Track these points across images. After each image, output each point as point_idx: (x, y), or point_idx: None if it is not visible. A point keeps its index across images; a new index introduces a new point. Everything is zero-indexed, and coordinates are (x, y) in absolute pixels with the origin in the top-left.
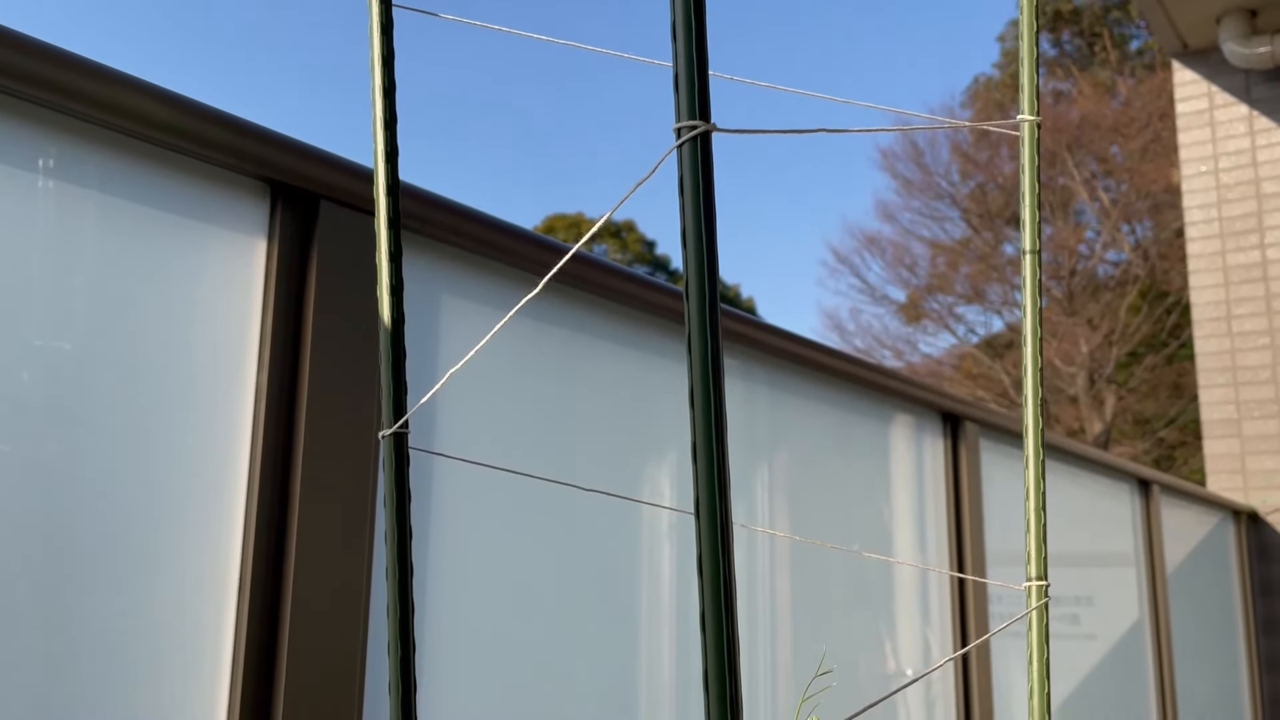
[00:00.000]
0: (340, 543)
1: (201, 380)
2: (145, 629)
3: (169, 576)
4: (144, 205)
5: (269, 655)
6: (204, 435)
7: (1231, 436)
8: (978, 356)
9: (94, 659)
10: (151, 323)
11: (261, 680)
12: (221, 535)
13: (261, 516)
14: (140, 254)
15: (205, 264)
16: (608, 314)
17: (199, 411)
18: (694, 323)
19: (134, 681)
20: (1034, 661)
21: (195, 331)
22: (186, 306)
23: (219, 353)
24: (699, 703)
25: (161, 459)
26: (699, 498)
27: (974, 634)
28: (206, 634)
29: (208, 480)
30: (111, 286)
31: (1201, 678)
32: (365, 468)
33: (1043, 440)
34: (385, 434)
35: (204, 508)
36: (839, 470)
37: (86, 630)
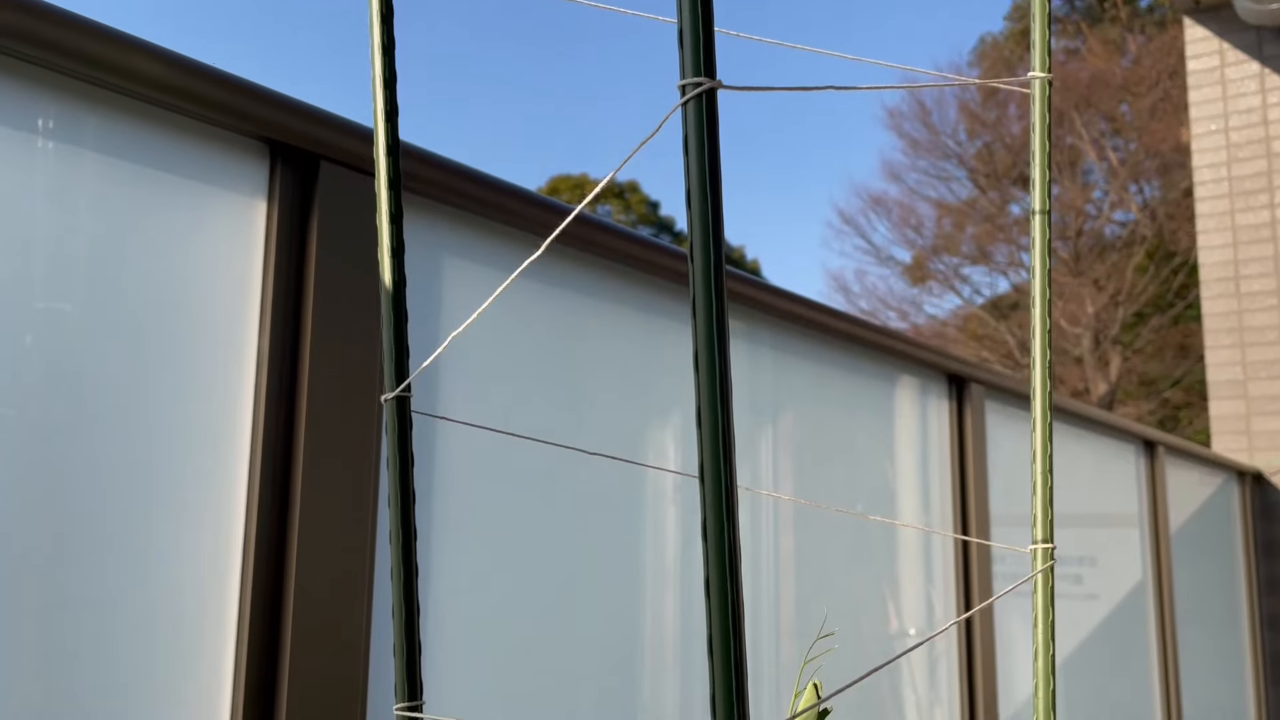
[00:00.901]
0: (343, 507)
1: (202, 344)
2: (149, 587)
3: (173, 539)
4: (143, 166)
5: (274, 621)
6: (206, 398)
7: (1237, 398)
8: (983, 318)
9: (99, 607)
10: (151, 285)
11: (266, 646)
12: (224, 500)
13: (265, 481)
14: (139, 215)
15: (205, 226)
16: (611, 276)
17: (201, 374)
18: (698, 284)
19: (139, 633)
20: (1039, 623)
21: (196, 294)
22: (186, 269)
23: (220, 316)
24: (703, 665)
25: (164, 422)
26: (704, 463)
27: (977, 594)
28: (211, 598)
29: (210, 444)
30: (110, 248)
31: (1203, 636)
32: (368, 432)
33: (1050, 403)
34: (387, 398)
35: (207, 473)
36: (844, 432)
37: (91, 582)
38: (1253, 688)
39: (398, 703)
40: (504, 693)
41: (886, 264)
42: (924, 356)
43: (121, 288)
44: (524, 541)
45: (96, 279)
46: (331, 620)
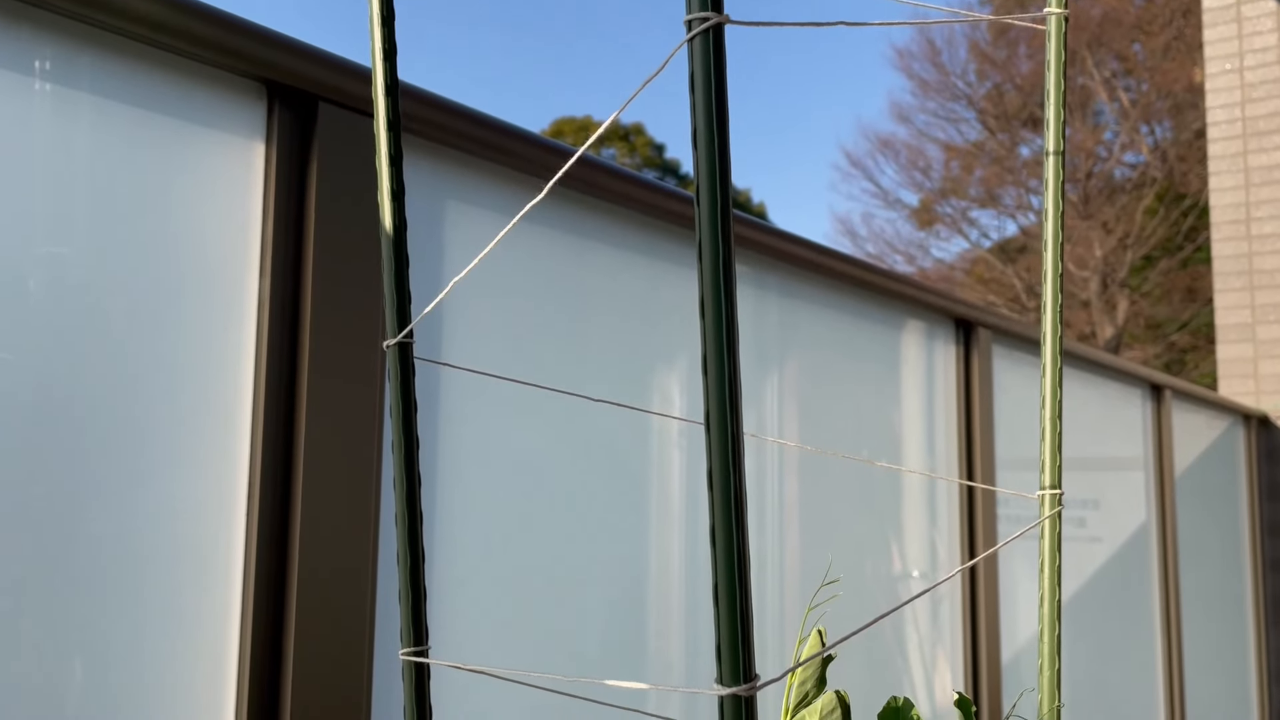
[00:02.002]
0: (347, 454)
1: (203, 289)
2: (151, 535)
3: (175, 488)
4: (138, 108)
5: (279, 569)
6: (208, 343)
7: (1245, 341)
8: (990, 261)
9: (103, 552)
10: (149, 229)
11: (272, 594)
12: (227, 448)
13: (268, 428)
14: (135, 159)
15: (202, 169)
16: (616, 219)
17: (202, 320)
18: (705, 224)
19: (143, 575)
20: (1046, 569)
21: (195, 239)
22: (185, 213)
23: (220, 261)
24: (709, 609)
25: (166, 367)
26: (709, 410)
27: (982, 537)
28: (214, 546)
29: (213, 390)
30: (107, 192)
31: (1206, 578)
32: (371, 378)
33: (1060, 348)
34: (389, 344)
35: (210, 419)
36: (850, 377)
37: (95, 527)
38: (1253, 629)
39: (404, 647)
40: (510, 637)
41: (894, 207)
42: (931, 301)
43: (119, 232)
44: (529, 487)
45: (94, 223)
46: (337, 567)
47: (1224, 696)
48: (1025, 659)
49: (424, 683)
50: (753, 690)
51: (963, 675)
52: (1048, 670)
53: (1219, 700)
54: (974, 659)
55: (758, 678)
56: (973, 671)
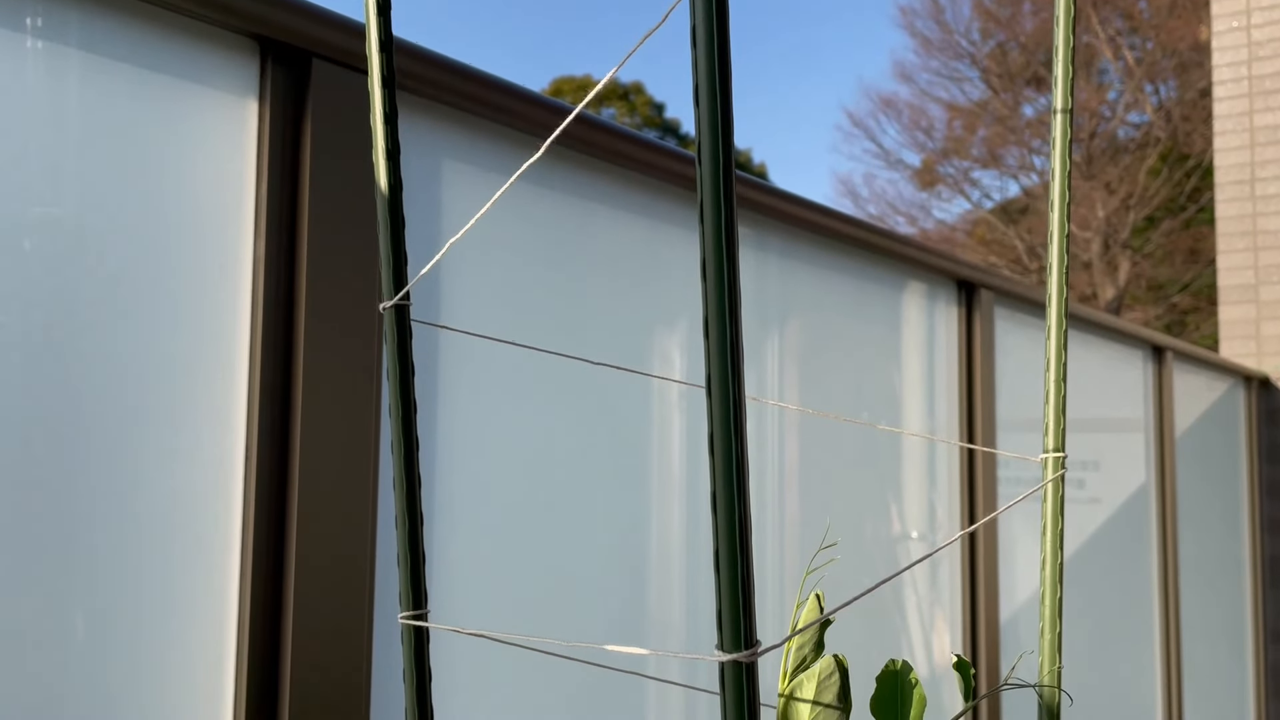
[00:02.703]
0: (345, 418)
1: (196, 249)
2: (148, 492)
3: (171, 449)
4: (128, 64)
5: (278, 534)
6: (201, 304)
7: (1248, 302)
8: (992, 222)
9: (99, 512)
10: (142, 187)
11: (270, 558)
12: (224, 412)
13: (264, 391)
14: (126, 115)
15: (194, 127)
16: (616, 180)
17: (196, 280)
18: (706, 181)
19: (142, 536)
20: (1047, 532)
21: (188, 197)
22: (177, 171)
23: (213, 220)
24: (707, 569)
25: (161, 329)
26: (711, 374)
27: (982, 499)
28: (212, 508)
29: (206, 353)
30: (98, 151)
31: (1204, 539)
32: (368, 341)
33: (1066, 310)
34: (385, 306)
35: (206, 382)
36: (851, 339)
37: (91, 484)
38: (1250, 590)
39: (403, 611)
40: (509, 601)
41: (895, 167)
42: (934, 262)
43: (110, 192)
44: (528, 450)
45: (86, 184)
46: (336, 532)
47: (1221, 657)
48: (1022, 619)
49: (423, 646)
50: (753, 656)
51: (961, 636)
52: (1048, 633)
53: (1216, 661)
54: (972, 620)
55: (759, 644)
56: (971, 632)
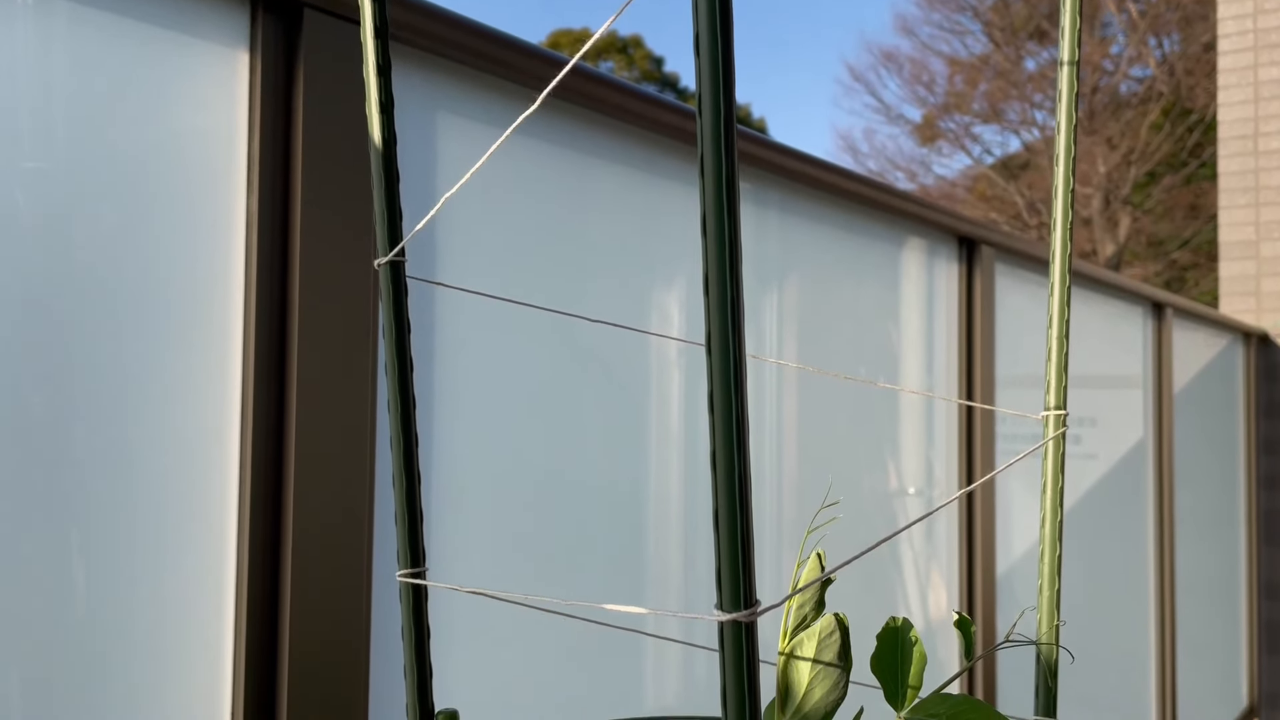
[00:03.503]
0: (341, 376)
1: (189, 204)
2: (142, 453)
3: (165, 409)
4: (116, 15)
5: (275, 494)
6: (195, 261)
7: (1248, 258)
8: (992, 178)
9: (96, 466)
10: (131, 141)
11: (268, 518)
12: (218, 371)
13: (260, 350)
14: (114, 67)
15: (184, 78)
16: (615, 134)
17: (189, 236)
18: (707, 130)
19: (135, 505)
20: (1048, 490)
21: (179, 152)
22: (167, 124)
23: (205, 175)
24: (706, 527)
25: (153, 287)
26: (711, 331)
27: (980, 456)
28: (206, 472)
29: (201, 311)
30: (87, 103)
31: (1200, 495)
32: (364, 298)
33: (1070, 266)
34: (380, 263)
35: (198, 342)
36: (850, 296)
37: (84, 438)
38: (1245, 546)
39: (401, 569)
40: (507, 559)
41: (896, 123)
42: (934, 218)
43: (100, 145)
44: (526, 408)
45: (74, 137)
46: (334, 492)
47: (1214, 612)
48: (1018, 573)
49: (421, 604)
50: (753, 616)
51: (958, 592)
52: (1047, 590)
53: (1209, 615)
54: (969, 576)
55: (758, 603)
56: (968, 588)
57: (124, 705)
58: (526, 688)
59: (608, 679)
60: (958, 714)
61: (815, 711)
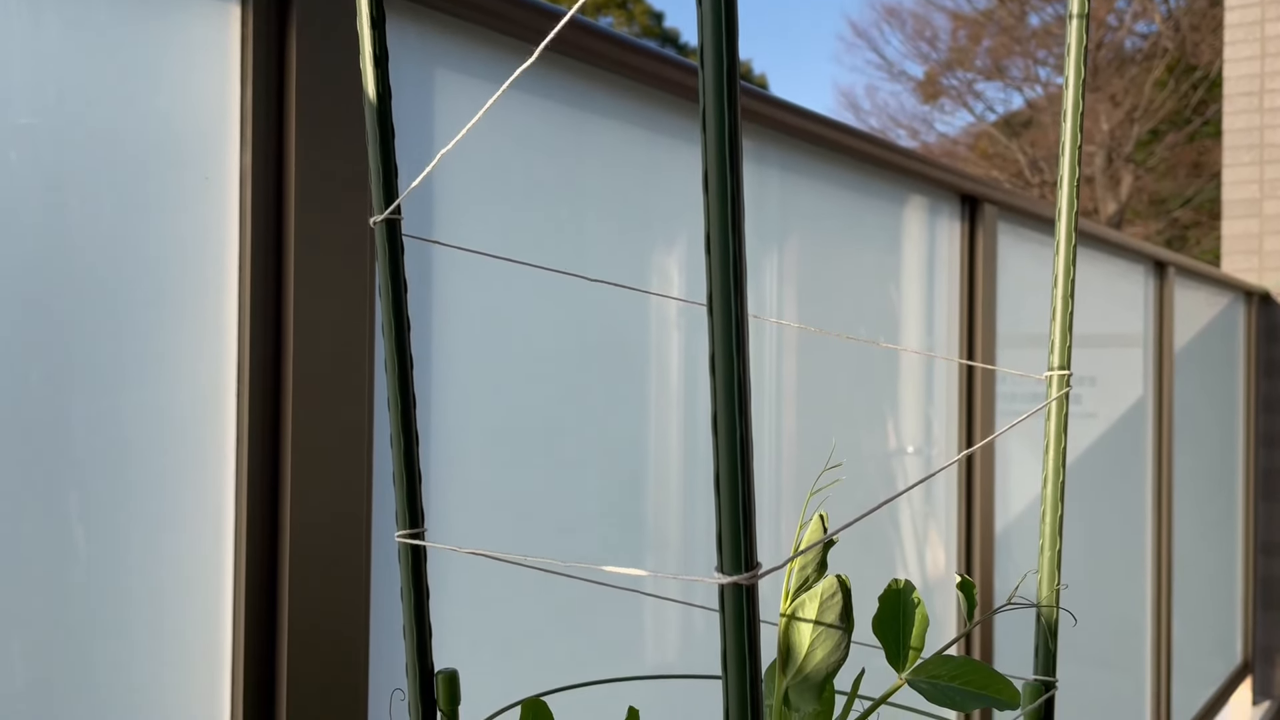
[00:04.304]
0: (338, 336)
1: (181, 161)
2: (138, 422)
3: (160, 369)
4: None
5: (273, 456)
6: (188, 218)
7: (1251, 216)
8: (994, 135)
9: (91, 433)
10: (121, 96)
11: (265, 479)
12: (212, 331)
13: (255, 307)
14: (102, 21)
15: (174, 31)
16: (614, 90)
17: (181, 193)
18: (709, 83)
19: (129, 467)
20: (1050, 451)
21: (169, 108)
22: (157, 79)
23: (196, 131)
24: (705, 489)
25: (145, 246)
26: (712, 291)
27: (980, 416)
28: (201, 434)
29: (194, 271)
30: (75, 59)
31: (1199, 453)
32: (360, 257)
33: (1076, 224)
34: (376, 220)
35: (191, 304)
36: (851, 254)
37: (80, 408)
38: (1242, 503)
39: (399, 530)
40: (506, 519)
41: (899, 79)
42: (937, 175)
43: (90, 102)
44: (525, 368)
45: (65, 93)
46: (332, 452)
47: (1211, 568)
48: (1015, 532)
49: (420, 565)
50: (754, 579)
51: (956, 550)
52: (1048, 550)
53: (1206, 572)
54: (968, 534)
55: (759, 565)
56: (966, 547)
57: (123, 655)
58: (526, 647)
59: (607, 637)
60: (959, 675)
61: (817, 673)
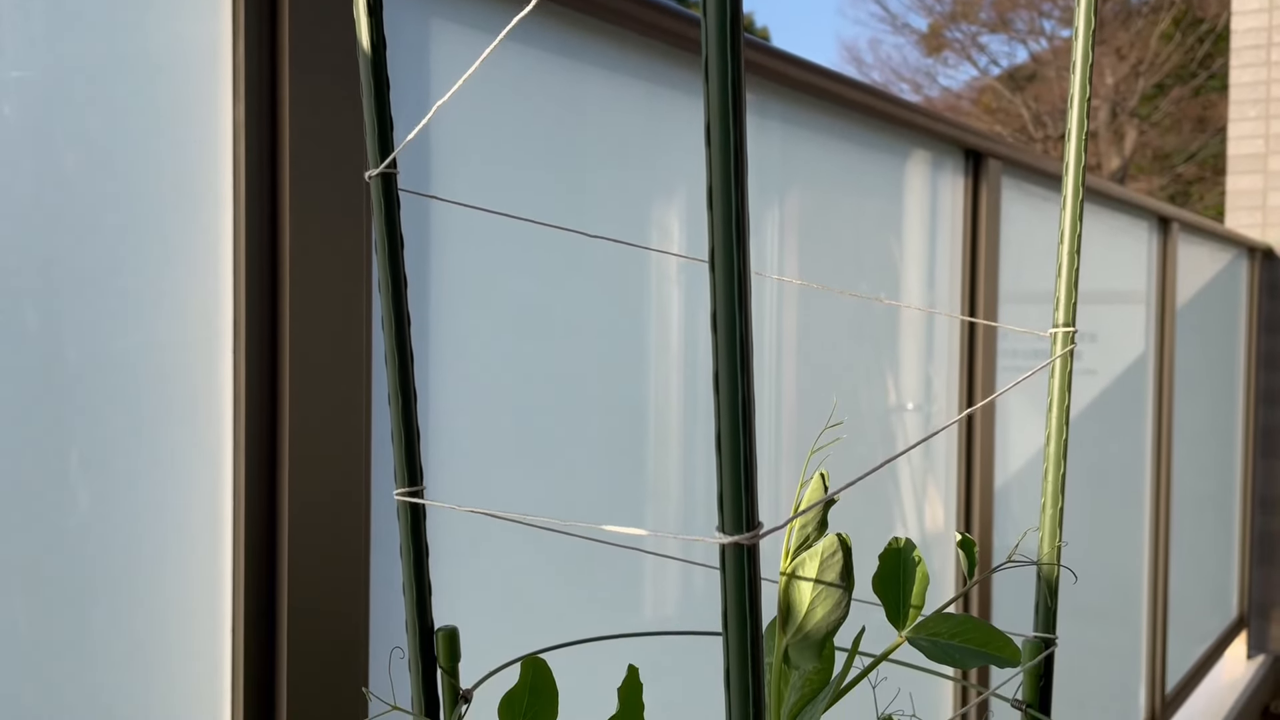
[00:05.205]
0: (335, 293)
1: (174, 113)
2: (134, 379)
3: (156, 325)
4: None
5: (270, 411)
6: (183, 172)
7: (1256, 172)
8: (998, 89)
9: (82, 390)
10: (111, 47)
11: (263, 436)
12: (208, 287)
13: (250, 265)
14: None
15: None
16: (616, 41)
17: (174, 148)
18: (712, 32)
19: (125, 423)
20: (1054, 409)
21: (161, 60)
22: (148, 28)
23: (189, 84)
24: (705, 447)
25: (140, 203)
26: (714, 247)
27: (981, 372)
28: (198, 392)
29: (189, 226)
30: (63, 7)
31: (1199, 410)
32: (357, 212)
33: (1084, 179)
34: (371, 174)
35: (185, 258)
36: (853, 210)
37: (70, 367)
38: (1241, 459)
39: (398, 488)
40: (505, 476)
41: (902, 32)
42: (941, 130)
43: (79, 53)
44: (524, 325)
45: (53, 42)
46: (330, 409)
47: (1209, 524)
48: (1014, 487)
49: (419, 523)
50: (755, 539)
51: (955, 505)
52: (1050, 508)
53: (1204, 527)
54: (967, 489)
55: (760, 525)
56: (965, 502)
57: (121, 608)
58: (525, 604)
59: (607, 594)
60: (959, 633)
61: (817, 631)
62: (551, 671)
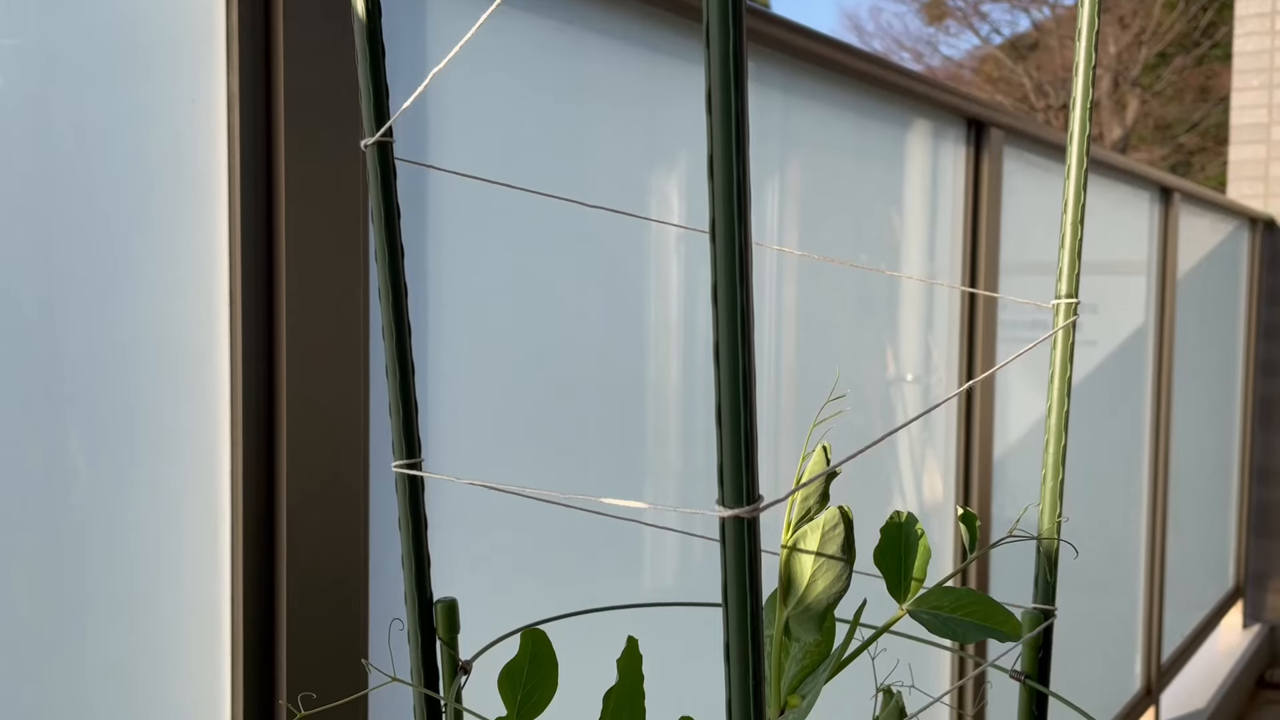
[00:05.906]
0: (331, 263)
1: (167, 82)
2: (132, 355)
3: (151, 299)
4: None
5: (267, 385)
6: (176, 144)
7: (1259, 142)
8: (1000, 59)
9: (80, 371)
10: (102, 14)
11: (261, 408)
12: (202, 258)
13: (246, 236)
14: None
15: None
16: (615, 8)
17: (167, 115)
18: (714, 6)
19: (123, 401)
20: (1055, 380)
21: (153, 28)
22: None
23: (183, 52)
24: (704, 419)
25: (134, 173)
26: (715, 217)
27: (982, 344)
28: (196, 367)
29: (185, 196)
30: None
31: (1199, 381)
32: (353, 182)
33: (1088, 148)
34: (367, 143)
35: (179, 229)
36: (854, 179)
37: (68, 342)
38: (1240, 430)
39: (396, 460)
40: (504, 448)
41: (903, 0)
42: (943, 99)
43: (70, 21)
44: (522, 296)
45: (45, 11)
46: (328, 381)
47: (1207, 494)
48: (1012, 458)
49: (418, 495)
50: (756, 512)
51: (954, 477)
52: (1050, 481)
53: (1202, 497)
54: (966, 461)
55: (761, 499)
56: (964, 474)
57: (120, 587)
58: (524, 575)
59: (606, 565)
60: (960, 607)
61: (818, 603)
62: (551, 643)
